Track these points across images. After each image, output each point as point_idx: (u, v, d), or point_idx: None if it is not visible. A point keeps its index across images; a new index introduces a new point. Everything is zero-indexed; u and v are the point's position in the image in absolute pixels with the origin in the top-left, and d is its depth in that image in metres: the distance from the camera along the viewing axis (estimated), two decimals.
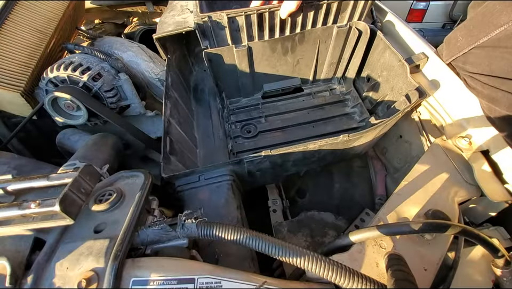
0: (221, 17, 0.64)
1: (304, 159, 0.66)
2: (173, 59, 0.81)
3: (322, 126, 0.87)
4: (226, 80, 0.86)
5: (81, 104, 0.73)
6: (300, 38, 0.76)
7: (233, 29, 0.68)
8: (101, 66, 0.79)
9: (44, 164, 0.66)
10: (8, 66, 0.73)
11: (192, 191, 0.60)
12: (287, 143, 0.84)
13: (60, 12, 0.88)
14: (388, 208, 0.52)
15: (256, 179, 0.71)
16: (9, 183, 0.41)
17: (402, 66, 0.68)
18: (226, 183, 0.61)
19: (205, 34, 0.68)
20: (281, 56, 0.81)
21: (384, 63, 0.75)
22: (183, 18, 0.73)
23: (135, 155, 0.98)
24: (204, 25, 0.66)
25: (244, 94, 0.93)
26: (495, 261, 0.46)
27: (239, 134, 0.87)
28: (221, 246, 0.52)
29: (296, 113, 0.91)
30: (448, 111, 0.65)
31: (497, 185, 0.56)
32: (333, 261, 0.37)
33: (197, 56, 1.00)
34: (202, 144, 0.83)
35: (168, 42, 0.79)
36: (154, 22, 1.40)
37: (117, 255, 0.35)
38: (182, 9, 0.78)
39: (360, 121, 0.86)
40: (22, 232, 0.39)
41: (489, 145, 0.59)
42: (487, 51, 0.57)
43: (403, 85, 0.69)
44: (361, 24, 0.76)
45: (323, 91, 0.96)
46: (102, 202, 0.42)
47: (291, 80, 0.92)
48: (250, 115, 0.91)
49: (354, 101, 0.90)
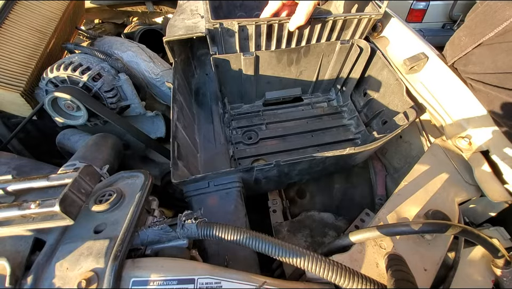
0: (232, 25, 0.66)
1: (309, 168, 0.68)
2: (179, 62, 0.81)
3: (320, 136, 0.91)
4: (230, 86, 0.87)
5: (81, 104, 0.73)
6: (305, 51, 0.79)
7: (242, 37, 0.70)
8: (101, 66, 0.79)
9: (44, 164, 0.66)
10: (8, 66, 0.73)
11: (201, 196, 0.60)
12: (288, 151, 0.86)
13: (59, 12, 0.88)
14: (388, 209, 0.52)
15: (261, 186, 0.72)
16: (9, 183, 0.41)
17: (399, 85, 0.72)
18: (236, 190, 0.61)
19: (215, 40, 0.70)
20: (286, 66, 0.83)
21: (381, 80, 0.79)
22: (193, 23, 0.74)
23: (135, 156, 0.98)
24: (215, 31, 0.67)
25: (246, 101, 0.95)
26: (495, 261, 0.46)
27: (241, 140, 0.88)
28: (230, 253, 0.52)
29: (295, 122, 0.94)
30: (448, 111, 0.65)
31: (497, 186, 0.56)
32: (333, 261, 0.37)
33: (199, 60, 1.02)
34: (203, 148, 0.84)
35: (176, 45, 0.80)
36: (154, 22, 1.40)
37: (116, 256, 0.35)
38: (192, 13, 0.79)
39: (356, 133, 0.90)
40: (22, 232, 0.39)
41: (489, 146, 0.59)
42: (491, 49, 0.57)
43: (399, 102, 0.73)
44: (362, 42, 0.79)
45: (321, 102, 1.00)
46: (102, 203, 0.42)
47: (292, 90, 0.95)
48: (252, 122, 0.93)
49: (351, 114, 0.94)
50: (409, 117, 0.67)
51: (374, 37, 0.82)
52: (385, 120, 0.79)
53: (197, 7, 0.82)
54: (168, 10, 1.36)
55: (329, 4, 0.89)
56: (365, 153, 0.70)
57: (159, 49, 1.24)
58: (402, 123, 0.68)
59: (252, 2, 0.88)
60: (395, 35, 0.79)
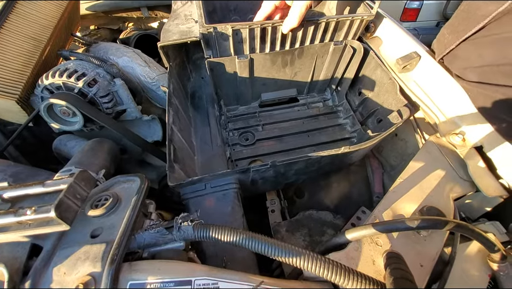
0: (226, 28, 0.66)
1: (305, 168, 0.68)
2: (174, 66, 0.83)
3: (317, 136, 0.91)
4: (226, 89, 0.88)
5: (77, 110, 0.74)
6: (299, 53, 0.80)
7: (237, 41, 0.71)
8: (96, 72, 0.80)
9: (40, 171, 0.66)
10: (3, 74, 0.73)
11: (198, 199, 0.60)
12: (285, 152, 0.87)
13: (54, 19, 0.88)
14: (384, 206, 0.53)
15: (258, 187, 0.72)
16: (5, 190, 0.41)
17: (392, 84, 0.73)
18: (233, 191, 0.61)
19: (209, 44, 0.70)
20: (281, 68, 0.84)
21: (375, 79, 0.80)
22: (187, 28, 0.75)
23: (132, 160, 0.98)
24: (209, 35, 0.68)
25: (242, 102, 0.96)
26: (492, 255, 0.46)
27: (237, 142, 0.88)
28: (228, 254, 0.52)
29: (291, 122, 0.95)
30: (442, 109, 0.66)
31: (491, 180, 0.57)
32: (330, 260, 0.37)
33: (194, 64, 1.03)
34: (200, 151, 0.84)
35: (171, 50, 0.81)
36: (149, 27, 1.41)
37: (113, 259, 0.35)
38: (186, 18, 0.80)
39: (352, 132, 0.91)
40: (19, 238, 0.39)
41: (482, 141, 0.59)
42: (476, 44, 0.58)
43: (393, 101, 0.74)
44: (355, 43, 0.80)
45: (317, 102, 1.01)
46: (98, 207, 0.42)
47: (288, 91, 0.96)
48: (248, 123, 0.94)
49: (346, 113, 0.95)
50: (403, 115, 0.68)
51: (367, 37, 0.83)
52: (380, 118, 0.80)
53: (191, 12, 0.83)
54: (163, 16, 1.37)
55: (322, 6, 0.90)
56: (360, 152, 0.70)
57: (155, 54, 1.25)
58: (397, 122, 0.68)
59: (246, 5, 0.88)
60: (388, 35, 0.80)
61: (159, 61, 1.11)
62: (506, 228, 0.57)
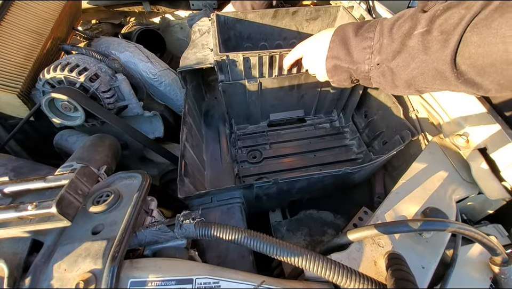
0: (237, 57, 0.73)
1: (308, 187, 0.70)
2: (190, 88, 0.89)
3: (323, 156, 0.93)
4: (237, 109, 0.92)
5: (79, 105, 0.73)
6: (306, 77, 0.83)
7: (247, 67, 0.77)
8: (98, 67, 0.79)
9: (42, 165, 0.66)
10: (5, 67, 0.72)
11: (204, 211, 0.63)
12: (291, 170, 0.89)
13: (56, 13, 0.88)
14: (386, 207, 0.52)
15: (263, 204, 0.75)
16: (6, 185, 0.41)
17: (396, 108, 0.77)
18: (237, 205, 0.64)
19: (222, 69, 0.76)
20: (288, 91, 0.88)
21: (380, 102, 0.83)
22: (203, 56, 0.82)
23: (133, 156, 0.98)
24: (222, 62, 0.74)
25: (252, 122, 0.99)
26: (493, 258, 0.46)
27: (245, 159, 0.91)
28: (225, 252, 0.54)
29: (299, 142, 0.97)
30: (446, 109, 0.65)
31: (494, 183, 0.56)
32: (331, 260, 0.37)
33: (209, 85, 1.09)
34: (210, 166, 0.88)
35: (188, 74, 0.87)
36: (151, 22, 1.40)
37: (114, 256, 0.35)
38: (203, 47, 0.87)
39: (358, 153, 0.93)
40: (20, 234, 0.39)
41: (486, 143, 0.59)
42: None
43: (397, 124, 0.77)
44: None
45: (324, 123, 1.03)
46: (100, 204, 0.42)
47: (295, 112, 0.99)
48: (257, 141, 0.97)
49: (353, 134, 0.98)
50: (405, 139, 0.72)
51: None
52: (386, 140, 0.82)
53: (207, 42, 0.89)
54: (165, 10, 1.35)
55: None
56: (362, 173, 0.72)
57: (157, 49, 1.24)
58: (398, 146, 0.71)
59: (258, 34, 0.95)
60: None
61: (161, 57, 1.10)
62: (508, 231, 0.57)
